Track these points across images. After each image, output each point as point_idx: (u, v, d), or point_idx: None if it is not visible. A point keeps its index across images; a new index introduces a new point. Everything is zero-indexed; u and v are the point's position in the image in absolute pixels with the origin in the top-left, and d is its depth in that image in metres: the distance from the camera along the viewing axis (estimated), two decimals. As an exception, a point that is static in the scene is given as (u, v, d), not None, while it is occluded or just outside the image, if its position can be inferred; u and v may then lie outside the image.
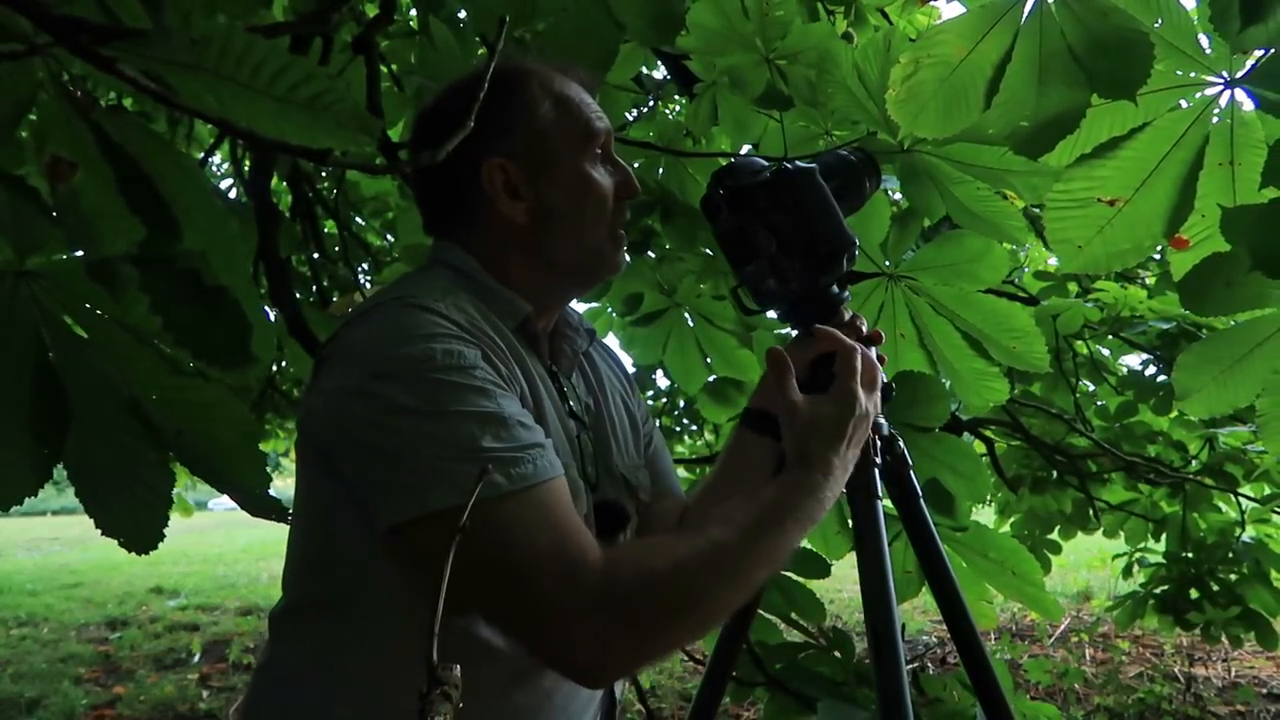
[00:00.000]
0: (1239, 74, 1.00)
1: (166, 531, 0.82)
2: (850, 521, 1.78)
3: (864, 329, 1.12)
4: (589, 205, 1.07)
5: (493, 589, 0.86)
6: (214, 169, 4.59)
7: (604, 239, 1.08)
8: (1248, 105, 1.01)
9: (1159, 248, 1.13)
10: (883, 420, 1.10)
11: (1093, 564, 9.56)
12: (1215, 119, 1.02)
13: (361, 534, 0.94)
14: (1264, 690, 5.37)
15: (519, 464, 0.88)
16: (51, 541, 16.92)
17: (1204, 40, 1.01)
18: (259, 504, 0.72)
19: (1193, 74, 1.02)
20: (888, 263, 1.66)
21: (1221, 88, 1.02)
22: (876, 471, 1.07)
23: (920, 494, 1.11)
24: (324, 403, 0.95)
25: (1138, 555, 4.44)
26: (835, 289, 1.12)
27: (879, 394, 1.08)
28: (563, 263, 1.08)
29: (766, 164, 1.10)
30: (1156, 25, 0.98)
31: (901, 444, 1.11)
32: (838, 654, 1.77)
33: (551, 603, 0.85)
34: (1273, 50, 0.95)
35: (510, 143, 1.05)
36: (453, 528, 0.82)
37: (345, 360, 0.94)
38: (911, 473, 1.12)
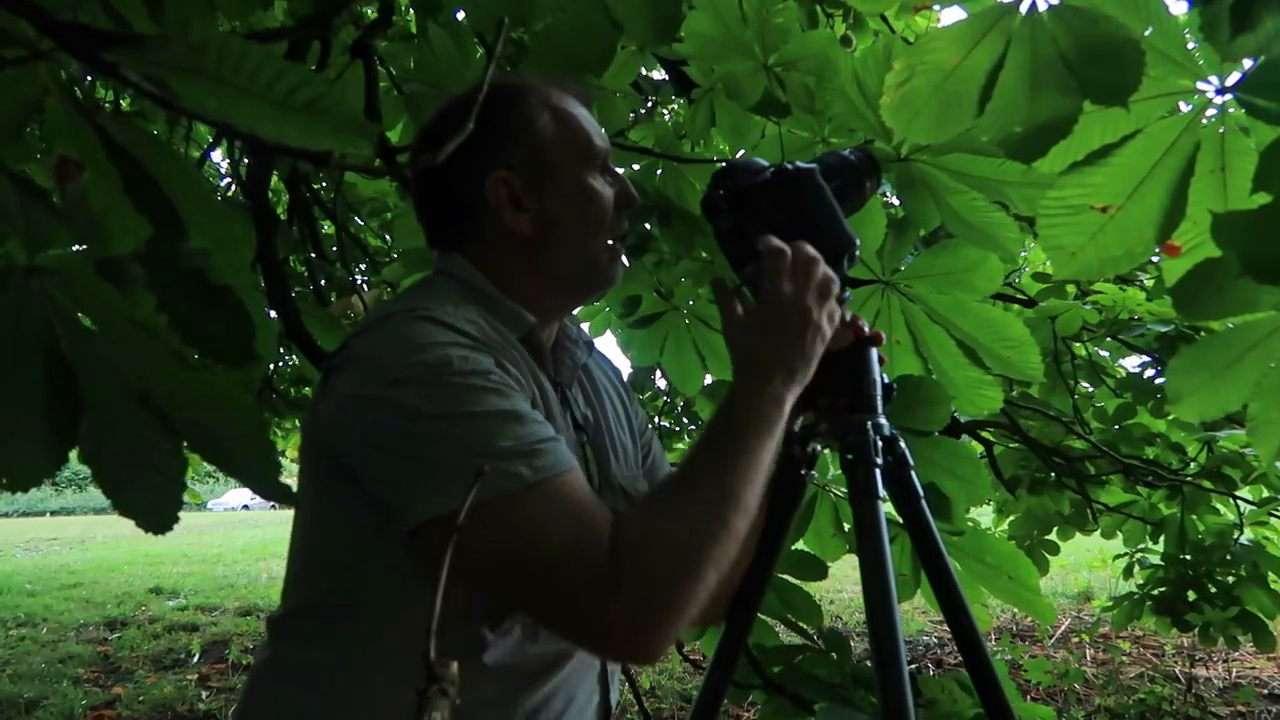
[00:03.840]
0: (1230, 82, 1.01)
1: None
2: (846, 524, 1.80)
3: (865, 329, 1.12)
4: (591, 216, 1.08)
5: (522, 580, 0.89)
6: (215, 166, 4.60)
7: (602, 250, 1.10)
8: (1239, 113, 1.02)
9: (1157, 252, 1.14)
10: (884, 421, 1.11)
11: (1093, 565, 9.58)
12: (1206, 126, 1.03)
13: (368, 539, 0.96)
14: (1265, 691, 5.38)
15: (539, 455, 0.90)
16: (50, 542, 16.96)
17: (1195, 48, 1.02)
18: (271, 490, 0.74)
19: (1184, 82, 1.03)
20: (884, 270, 1.67)
21: (1213, 95, 1.03)
22: (878, 473, 1.07)
23: (922, 495, 1.11)
24: (337, 409, 0.96)
25: (1138, 556, 4.44)
26: (836, 289, 1.12)
27: (827, 299, 1.04)
28: (564, 273, 1.09)
29: (767, 164, 1.10)
30: (1147, 34, 0.99)
31: (903, 444, 1.11)
32: (834, 656, 1.77)
33: (578, 590, 0.87)
34: (1263, 58, 0.96)
35: (511, 155, 1.07)
36: (478, 522, 0.86)
37: (359, 369, 0.96)
38: (913, 474, 1.12)
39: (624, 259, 1.14)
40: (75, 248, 0.78)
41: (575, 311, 1.59)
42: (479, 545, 0.88)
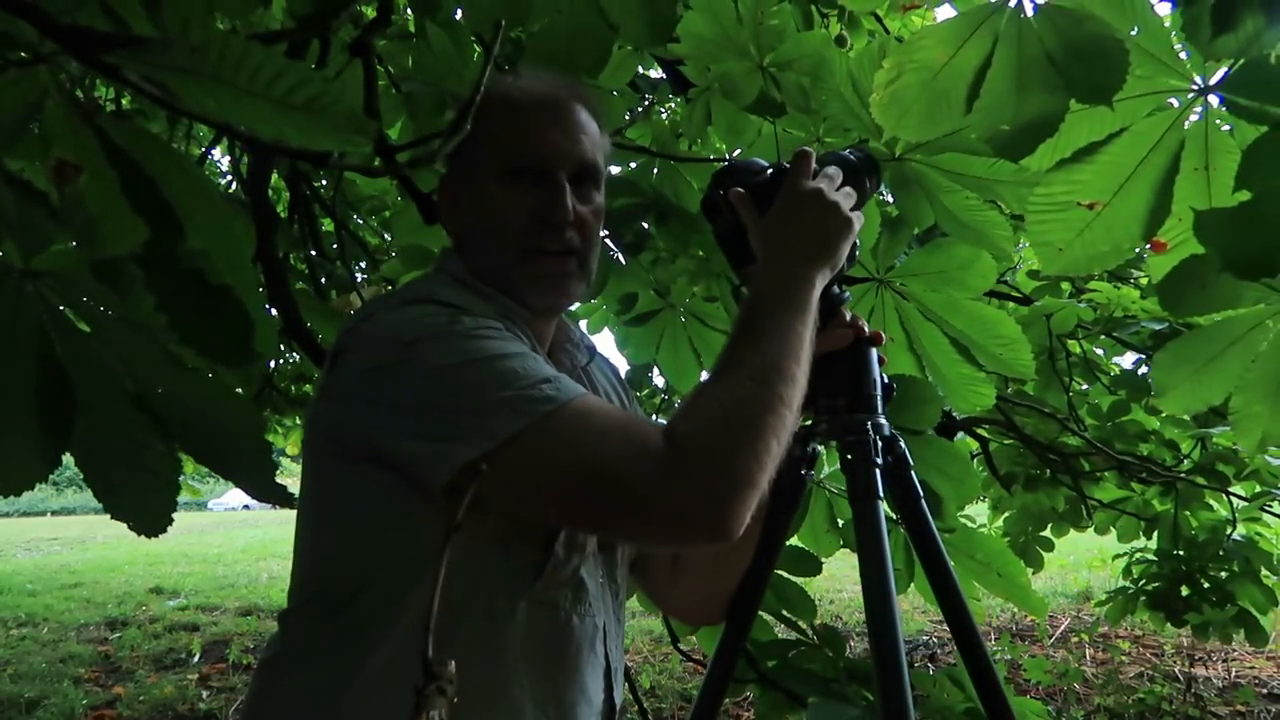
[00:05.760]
0: (1213, 81, 1.03)
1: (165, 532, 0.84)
2: (841, 520, 1.81)
3: (865, 329, 1.13)
4: (491, 225, 1.06)
5: (587, 492, 0.89)
6: (215, 165, 4.61)
7: (510, 261, 1.06)
8: (1222, 111, 1.04)
9: (1147, 250, 1.15)
10: (884, 421, 1.11)
11: (1093, 564, 9.58)
12: (1190, 125, 1.05)
13: (380, 524, 0.97)
14: (1264, 690, 5.39)
15: (560, 380, 0.93)
16: (51, 542, 16.95)
17: (1180, 48, 1.03)
18: (266, 491, 0.74)
19: (1170, 81, 1.04)
20: (878, 268, 1.68)
21: (1196, 94, 1.04)
22: (878, 473, 1.08)
23: (921, 495, 1.12)
24: (353, 388, 0.97)
25: (1137, 556, 4.45)
26: (836, 289, 1.13)
27: (850, 199, 1.06)
28: (486, 281, 1.07)
29: (767, 164, 1.11)
30: (1133, 34, 1.01)
31: (903, 444, 1.12)
32: (829, 651, 1.78)
33: (644, 482, 0.87)
34: (1244, 58, 0.97)
35: (454, 158, 1.09)
36: (523, 455, 0.87)
37: (369, 345, 0.98)
38: (913, 474, 1.12)
39: (571, 273, 1.08)
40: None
41: (573, 308, 1.60)
42: (531, 477, 0.89)
